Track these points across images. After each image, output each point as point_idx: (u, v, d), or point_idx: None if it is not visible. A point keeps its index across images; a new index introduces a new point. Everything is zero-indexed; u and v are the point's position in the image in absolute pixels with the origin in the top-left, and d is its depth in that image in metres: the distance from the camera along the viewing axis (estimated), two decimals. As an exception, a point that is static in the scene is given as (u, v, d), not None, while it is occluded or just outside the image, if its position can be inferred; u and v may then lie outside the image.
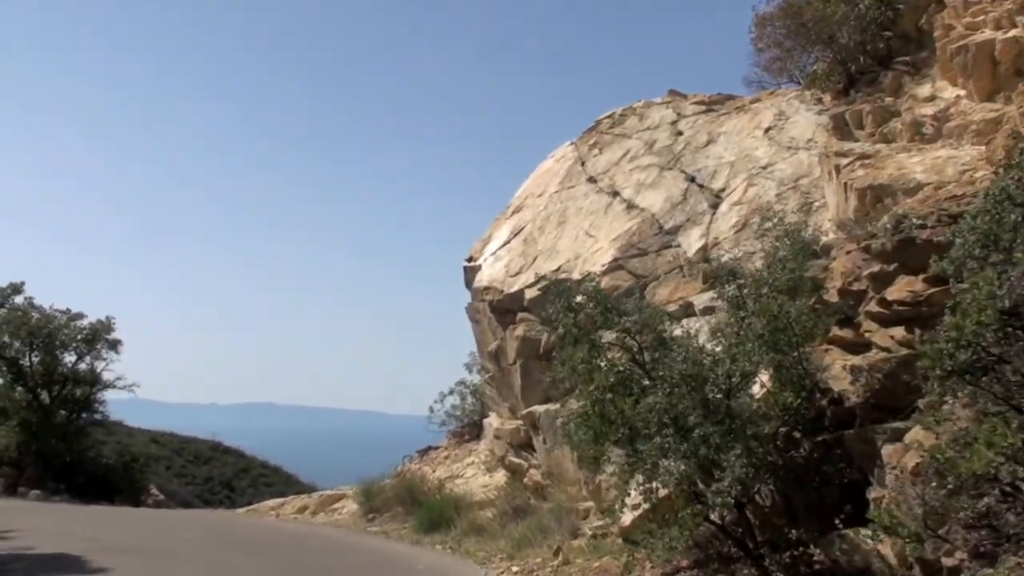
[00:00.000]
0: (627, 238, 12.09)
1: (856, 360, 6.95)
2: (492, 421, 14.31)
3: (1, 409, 19.96)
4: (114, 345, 21.28)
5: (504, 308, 13.07)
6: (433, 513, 11.83)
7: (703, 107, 14.34)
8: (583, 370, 6.92)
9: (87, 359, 21.09)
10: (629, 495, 7.23)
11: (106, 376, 21.21)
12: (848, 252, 7.52)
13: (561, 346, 7.35)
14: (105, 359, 21.17)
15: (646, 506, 7.29)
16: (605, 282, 10.38)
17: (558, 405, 10.62)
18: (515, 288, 12.87)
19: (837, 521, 6.50)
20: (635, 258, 11.76)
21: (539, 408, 11.91)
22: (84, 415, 21.18)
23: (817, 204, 10.83)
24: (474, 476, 14.22)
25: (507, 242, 14.11)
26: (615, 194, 13.16)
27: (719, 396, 6.53)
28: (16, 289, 21.22)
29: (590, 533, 9.70)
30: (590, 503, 10.43)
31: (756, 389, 7.15)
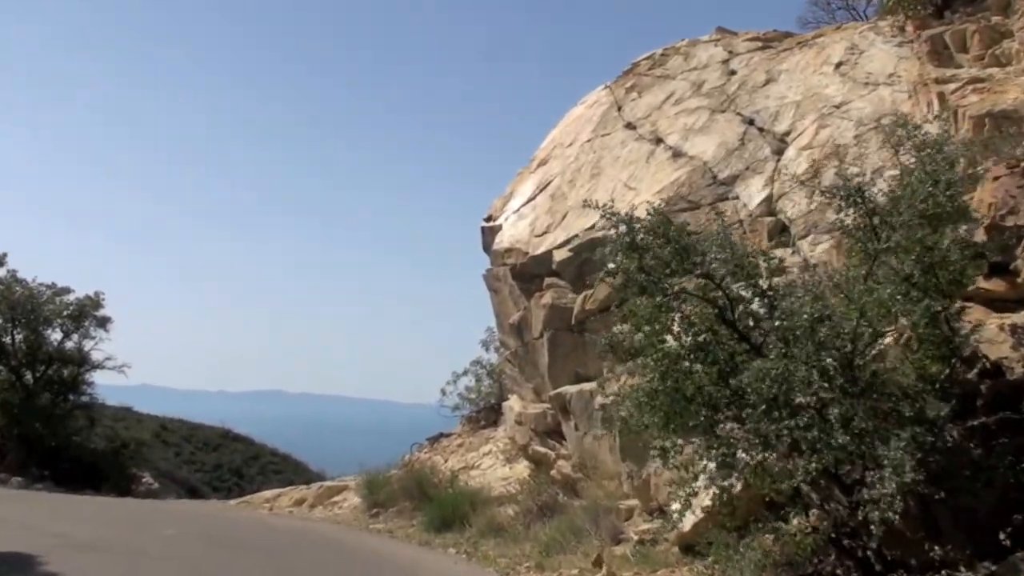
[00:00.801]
0: (674, 190, 10.44)
1: (1017, 318, 5.15)
2: (513, 405, 12.94)
3: (-19, 390, 18.71)
4: (103, 322, 20.18)
5: (529, 273, 11.58)
6: (445, 509, 10.77)
7: (758, 44, 12.59)
8: (649, 332, 5.14)
9: (74, 337, 19.94)
10: (695, 495, 5.57)
11: (95, 356, 20.04)
12: (996, 178, 5.71)
13: (622, 300, 5.58)
14: (93, 337, 20.06)
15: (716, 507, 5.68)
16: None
17: (593, 385, 9.12)
18: (541, 249, 11.32)
19: (1002, 536, 4.74)
20: (685, 212, 10.05)
21: (570, 389, 10.41)
22: (71, 397, 19.95)
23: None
24: (492, 467, 13.45)
25: (532, 198, 12.49)
26: (658, 141, 11.50)
27: (834, 365, 4.76)
28: (-2, 262, 19.88)
29: (636, 538, 8.32)
30: (634, 501, 9.01)
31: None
